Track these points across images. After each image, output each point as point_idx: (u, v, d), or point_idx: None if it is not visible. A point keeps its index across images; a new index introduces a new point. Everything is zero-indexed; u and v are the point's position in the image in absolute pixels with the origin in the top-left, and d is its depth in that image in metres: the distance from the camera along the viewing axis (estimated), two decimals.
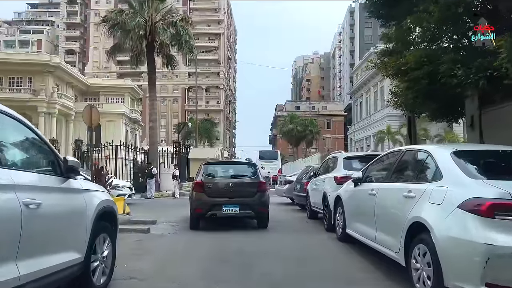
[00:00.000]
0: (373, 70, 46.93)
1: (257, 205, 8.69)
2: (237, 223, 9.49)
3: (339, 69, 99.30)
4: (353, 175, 6.07)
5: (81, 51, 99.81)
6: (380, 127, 44.23)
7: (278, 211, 13.22)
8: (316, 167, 12.79)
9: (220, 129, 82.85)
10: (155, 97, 23.93)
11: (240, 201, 8.58)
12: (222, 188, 8.78)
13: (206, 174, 9.14)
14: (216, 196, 8.65)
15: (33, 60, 39.12)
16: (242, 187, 8.78)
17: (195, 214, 8.89)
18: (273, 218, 10.33)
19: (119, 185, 15.26)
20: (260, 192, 8.81)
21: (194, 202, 8.89)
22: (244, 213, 8.72)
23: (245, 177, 9.24)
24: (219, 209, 8.57)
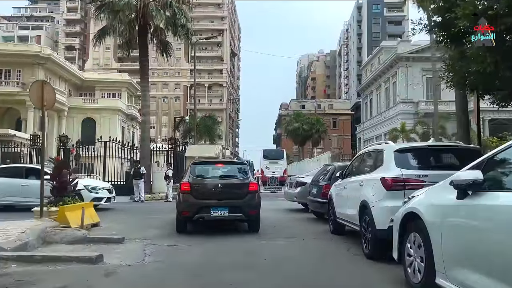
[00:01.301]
0: (385, 64, 44.53)
1: (247, 208, 8.22)
2: (228, 225, 8.90)
3: (346, 67, 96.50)
4: (461, 176, 3.20)
5: (81, 48, 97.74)
6: (393, 125, 41.45)
7: (289, 221, 10.58)
8: (338, 165, 10.12)
9: (223, 128, 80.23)
10: (148, 87, 21.30)
11: (229, 203, 8.14)
12: (210, 189, 8.30)
13: (193, 174, 8.62)
14: (204, 198, 8.20)
15: (22, 51, 36.62)
16: (232, 188, 8.36)
17: (182, 217, 8.36)
18: (285, 231, 8.39)
19: (95, 186, 12.67)
20: (250, 194, 8.32)
21: (180, 205, 8.35)
22: (233, 216, 8.27)
23: (234, 177, 8.79)
24: (207, 212, 8.11)
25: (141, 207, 15.11)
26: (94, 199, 12.29)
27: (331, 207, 8.13)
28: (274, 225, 9.66)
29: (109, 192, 13.01)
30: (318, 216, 10.98)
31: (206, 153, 22.69)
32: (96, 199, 12.37)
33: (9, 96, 34.90)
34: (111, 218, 10.82)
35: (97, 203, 12.46)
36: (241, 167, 9.21)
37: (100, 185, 13.07)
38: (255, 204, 8.37)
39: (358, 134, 58.35)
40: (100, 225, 9.14)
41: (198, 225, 8.89)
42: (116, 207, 13.67)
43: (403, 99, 41.28)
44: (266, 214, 11.56)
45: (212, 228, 8.89)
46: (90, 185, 12.59)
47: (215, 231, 8.70)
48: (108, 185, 13.36)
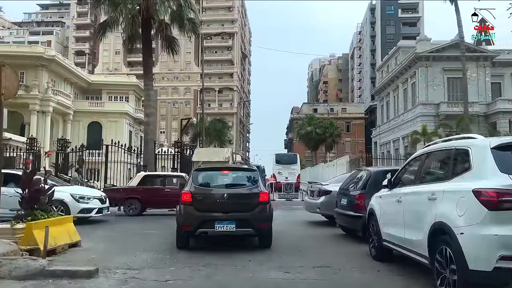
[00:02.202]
0: (403, 64, 42.44)
1: (257, 221, 7.19)
2: (235, 241, 7.78)
3: (359, 70, 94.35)
4: None
5: (91, 52, 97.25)
6: (412, 128, 39.31)
7: (313, 239, 8.73)
8: (374, 171, 8.25)
9: (233, 133, 78.56)
10: (152, 85, 19.63)
11: (236, 216, 7.14)
12: (214, 200, 7.30)
13: (195, 182, 7.57)
14: (207, 210, 7.20)
15: (26, 52, 35.37)
16: (239, 199, 7.37)
17: (182, 232, 7.33)
18: (312, 256, 6.68)
19: (84, 195, 10.95)
20: (261, 205, 7.31)
21: (180, 217, 7.32)
22: (241, 230, 7.23)
23: (242, 186, 7.73)
24: (211, 226, 7.09)
25: (141, 218, 13.32)
26: (83, 210, 10.63)
27: (373, 224, 6.24)
28: (296, 245, 7.84)
29: (101, 202, 11.28)
30: (347, 232, 9.09)
31: (214, 157, 20.89)
32: (85, 211, 10.72)
33: (12, 99, 33.53)
34: (98, 234, 9.08)
35: (86, 215, 10.76)
36: (250, 175, 7.96)
37: (91, 194, 11.34)
38: (266, 216, 7.31)
39: (374, 138, 56.18)
40: (80, 245, 7.39)
41: (201, 240, 7.70)
42: (109, 219, 11.93)
43: (423, 100, 39.14)
44: (284, 228, 9.78)
45: (218, 244, 7.59)
46: (78, 194, 10.90)
47: (221, 249, 7.28)
48: (100, 194, 11.64)
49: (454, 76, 38.99)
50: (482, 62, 38.57)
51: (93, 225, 10.67)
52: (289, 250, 7.36)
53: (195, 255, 6.77)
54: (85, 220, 10.89)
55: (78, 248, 7.26)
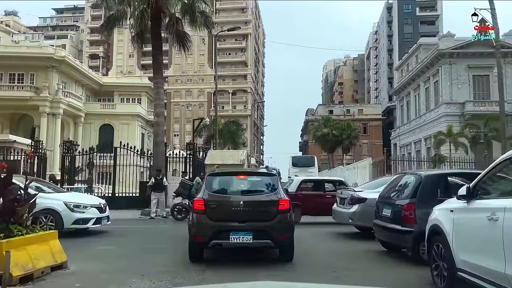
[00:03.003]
0: (425, 62, 40.54)
1: (277, 232, 6.47)
2: (252, 253, 7.17)
3: (375, 70, 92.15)
4: None
5: (105, 56, 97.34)
6: (434, 128, 37.43)
7: (350, 258, 7.26)
8: (426, 175, 6.75)
9: (247, 135, 77.28)
10: (162, 83, 18.36)
11: (253, 226, 6.45)
12: (229, 208, 6.61)
13: (209, 189, 6.86)
14: (221, 219, 6.53)
15: (36, 53, 34.59)
16: (257, 207, 6.69)
17: (195, 243, 6.66)
18: (351, 279, 5.45)
19: (80, 204, 9.63)
20: (281, 214, 6.60)
21: (193, 227, 6.63)
22: (259, 242, 6.53)
23: (260, 193, 7.08)
24: (226, 237, 6.40)
25: (149, 228, 11.99)
26: (78, 221, 9.35)
27: (439, 247, 4.74)
28: (329, 264, 6.47)
29: (99, 211, 9.97)
30: (389, 249, 7.60)
31: (229, 159, 19.54)
32: (80, 221, 9.44)
33: (21, 102, 32.88)
34: (93, 250, 7.78)
35: (82, 226, 9.47)
36: (269, 180, 7.20)
37: (88, 201, 10.01)
38: (287, 227, 6.60)
39: (393, 140, 54.19)
40: (66, 267, 6.04)
41: (217, 251, 7.01)
42: (111, 229, 10.59)
43: (446, 99, 37.19)
44: (309, 241, 8.44)
45: (236, 260, 6.82)
46: (73, 202, 9.58)
47: (238, 265, 6.44)
48: (99, 202, 10.30)
49: (480, 74, 37.06)
50: (510, 59, 36.50)
51: (90, 238, 9.41)
52: (322, 271, 6.00)
53: (207, 275, 5.36)
54: (82, 232, 9.62)
55: (63, 271, 5.93)
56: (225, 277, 5.53)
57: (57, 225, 8.84)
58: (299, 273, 5.97)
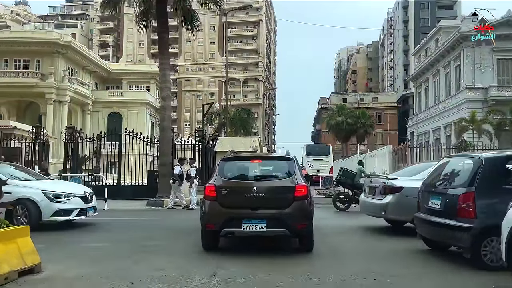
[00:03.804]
0: (445, 46, 38.60)
1: (293, 220, 5.96)
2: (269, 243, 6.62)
3: (390, 57, 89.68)
4: None
5: (115, 45, 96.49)
6: (456, 115, 35.70)
7: (389, 258, 6.02)
8: (487, 157, 5.41)
9: (259, 124, 75.91)
10: (168, 64, 17.04)
11: (267, 214, 5.99)
12: (241, 194, 6.10)
13: (221, 174, 6.36)
14: (233, 206, 6.08)
15: (41, 38, 33.56)
16: (271, 193, 6.15)
17: (207, 232, 6.26)
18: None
19: (61, 193, 8.48)
20: (298, 201, 6.06)
21: (205, 215, 6.24)
22: (273, 231, 6.00)
23: (275, 178, 6.52)
24: (238, 225, 5.96)
25: (150, 220, 10.81)
26: (59, 212, 8.25)
27: None
28: (367, 269, 5.18)
29: (84, 201, 8.79)
30: (433, 247, 6.28)
31: (240, 146, 18.24)
32: (61, 213, 8.31)
33: (27, 89, 31.97)
34: (76, 247, 6.61)
35: (63, 218, 8.37)
36: (285, 165, 6.64)
37: (70, 190, 8.80)
38: (304, 215, 6.11)
39: (410, 128, 52.41)
40: (38, 271, 4.85)
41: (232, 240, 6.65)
42: (99, 222, 9.41)
43: (469, 85, 35.34)
44: (334, 237, 7.19)
45: (253, 250, 6.32)
46: (53, 191, 8.41)
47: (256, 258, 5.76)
48: (84, 191, 9.07)
49: (505, 57, 35.10)
50: None
51: (74, 232, 8.30)
52: (357, 277, 4.66)
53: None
54: (66, 224, 8.55)
55: (34, 276, 4.74)
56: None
57: (34, 217, 7.81)
58: (334, 273, 4.74)
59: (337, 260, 5.70)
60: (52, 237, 7.41)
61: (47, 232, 7.97)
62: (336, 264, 5.42)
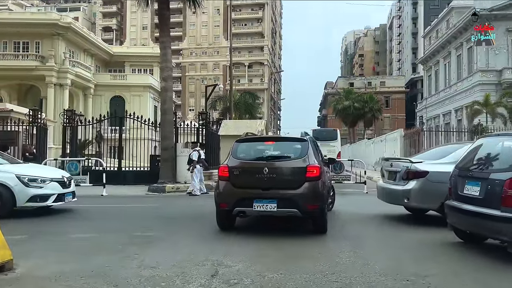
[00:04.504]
0: (457, 27, 37.24)
1: (303, 200, 5.98)
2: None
3: (398, 41, 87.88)
4: None
5: (118, 28, 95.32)
6: (468, 98, 34.56)
7: (424, 253, 5.16)
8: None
9: (264, 109, 74.83)
10: (169, 43, 16.17)
11: (278, 194, 6.06)
12: (253, 175, 6.19)
13: (234, 155, 6.54)
14: (244, 186, 6.24)
15: (40, 19, 32.66)
16: (282, 173, 6.23)
17: (220, 211, 6.45)
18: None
19: (37, 177, 7.83)
20: (309, 182, 6.05)
21: (219, 195, 6.43)
22: (284, 211, 6.08)
23: (287, 159, 6.50)
24: (249, 205, 6.08)
25: (149, 208, 10.10)
26: (34, 198, 7.62)
27: None
28: (395, 267, 4.42)
29: (62, 186, 8.13)
30: (467, 240, 5.49)
31: (245, 130, 17.42)
32: (37, 198, 7.68)
33: (27, 71, 31.21)
34: (63, 238, 5.84)
35: (39, 204, 7.78)
36: (298, 145, 6.62)
37: (47, 175, 8.13)
38: (315, 195, 6.12)
39: (419, 113, 51.25)
40: (10, 268, 4.12)
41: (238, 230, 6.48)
42: (78, 208, 8.71)
43: (482, 66, 34.13)
44: (356, 230, 6.39)
45: (263, 241, 5.80)
46: (28, 175, 7.75)
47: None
48: (62, 175, 8.45)
49: None
50: None
51: (61, 220, 7.62)
52: (387, 278, 3.88)
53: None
54: (44, 211, 7.94)
55: (3, 275, 3.99)
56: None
57: (7, 204, 7.21)
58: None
59: (359, 255, 4.92)
60: (34, 227, 6.72)
61: (29, 220, 7.32)
62: (359, 260, 4.64)
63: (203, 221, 7.54)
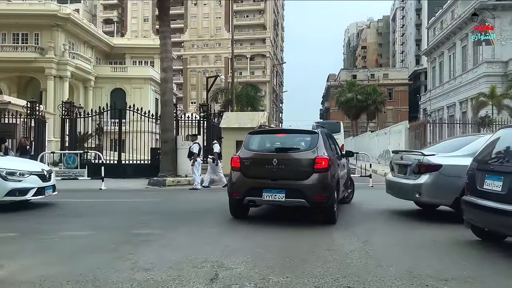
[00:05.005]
0: (462, 17, 36.62)
1: (311, 191, 6.14)
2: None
3: (402, 32, 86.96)
4: None
5: (119, 21, 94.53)
6: (473, 90, 34.07)
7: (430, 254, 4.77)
8: None
9: (266, 102, 74.31)
10: (169, 32, 15.74)
11: (286, 184, 6.26)
12: (262, 165, 6.44)
13: (246, 147, 6.87)
14: (254, 176, 6.50)
15: (39, 10, 32.11)
16: (290, 164, 6.40)
17: (233, 200, 6.79)
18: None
19: (15, 171, 7.61)
20: (316, 173, 6.19)
21: (231, 185, 6.77)
22: (292, 201, 6.28)
23: (295, 150, 6.70)
24: (259, 195, 6.33)
25: (149, 203, 9.76)
26: (13, 192, 7.40)
27: None
28: (410, 268, 4.05)
29: (42, 180, 7.90)
30: (485, 238, 5.13)
31: (247, 122, 17.09)
32: (16, 192, 7.45)
33: (26, 63, 30.80)
34: (54, 236, 5.51)
35: (18, 198, 7.57)
36: (308, 138, 6.80)
37: (26, 168, 7.88)
38: (323, 187, 6.20)
39: (423, 105, 50.74)
40: None
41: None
42: (59, 203, 8.41)
43: (488, 58, 33.58)
44: (366, 226, 6.00)
45: (267, 239, 5.45)
46: (6, 168, 7.52)
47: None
48: (41, 168, 8.21)
49: None
50: None
51: (55, 216, 7.28)
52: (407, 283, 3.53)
53: None
54: (24, 205, 7.73)
55: None
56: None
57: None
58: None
59: (370, 254, 4.56)
60: (24, 223, 6.40)
61: (20, 216, 7.01)
62: (371, 261, 4.29)
63: (203, 216, 7.23)
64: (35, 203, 8.23)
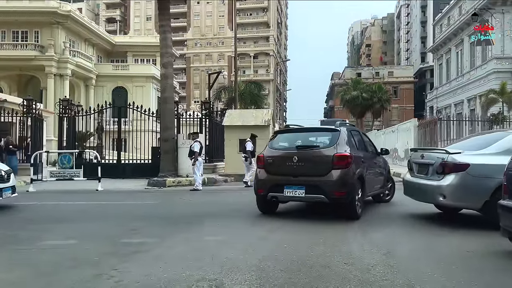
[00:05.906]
0: (470, 13, 35.77)
1: (330, 187, 6.32)
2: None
3: (407, 30, 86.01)
4: None
5: (122, 19, 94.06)
6: (482, 87, 33.33)
7: (462, 267, 4.03)
8: None
9: (270, 100, 73.60)
10: (169, 27, 15.09)
11: (306, 181, 6.52)
12: (283, 162, 6.79)
13: (270, 145, 7.31)
14: (277, 173, 6.87)
15: (39, 7, 31.56)
16: (310, 161, 6.61)
17: (258, 196, 7.15)
18: None
19: None
20: (336, 169, 6.35)
21: (257, 182, 7.17)
22: (312, 197, 6.54)
23: (315, 148, 6.95)
24: (280, 191, 6.66)
25: (146, 206, 9.13)
26: None
27: None
28: (443, 284, 3.30)
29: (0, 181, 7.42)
30: None
31: (251, 120, 16.48)
32: None
33: (26, 61, 30.29)
34: (32, 246, 4.89)
35: None
36: (329, 135, 6.85)
37: None
38: (342, 183, 6.29)
39: (429, 103, 49.93)
40: None
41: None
42: (18, 206, 7.83)
43: (497, 54, 32.77)
44: (388, 234, 5.28)
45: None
46: None
47: None
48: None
49: None
50: None
51: (28, 221, 6.73)
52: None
53: None
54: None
55: None
56: None
57: None
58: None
59: (395, 269, 3.89)
60: (2, 230, 5.78)
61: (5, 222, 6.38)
62: (397, 279, 3.61)
63: (203, 221, 6.59)
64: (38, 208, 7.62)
